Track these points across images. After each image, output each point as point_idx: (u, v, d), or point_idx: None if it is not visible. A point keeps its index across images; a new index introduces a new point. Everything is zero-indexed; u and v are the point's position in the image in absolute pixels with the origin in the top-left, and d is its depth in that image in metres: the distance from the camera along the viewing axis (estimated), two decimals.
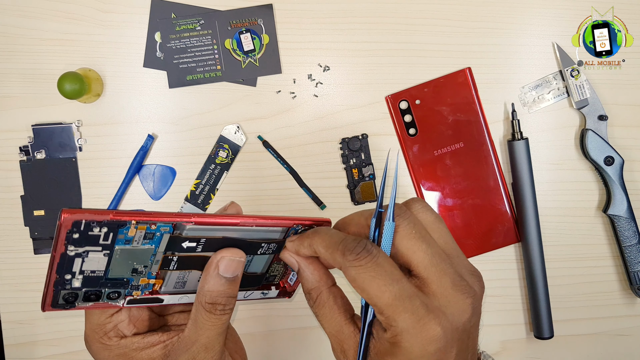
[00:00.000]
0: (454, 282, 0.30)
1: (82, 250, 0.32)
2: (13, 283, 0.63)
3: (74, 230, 0.31)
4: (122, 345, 0.36)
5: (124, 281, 0.35)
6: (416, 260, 0.31)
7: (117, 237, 0.33)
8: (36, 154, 0.62)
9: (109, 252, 0.33)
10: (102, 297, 0.35)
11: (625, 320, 0.64)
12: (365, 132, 0.62)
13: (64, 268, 0.33)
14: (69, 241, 0.32)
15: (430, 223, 0.33)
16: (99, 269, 0.34)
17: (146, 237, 0.34)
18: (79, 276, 0.34)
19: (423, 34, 0.61)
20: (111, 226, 0.32)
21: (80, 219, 0.31)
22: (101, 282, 0.34)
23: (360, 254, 0.30)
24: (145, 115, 0.62)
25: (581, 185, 0.63)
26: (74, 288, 0.34)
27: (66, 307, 0.34)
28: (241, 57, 0.61)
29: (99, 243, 0.33)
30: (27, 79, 0.61)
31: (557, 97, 0.62)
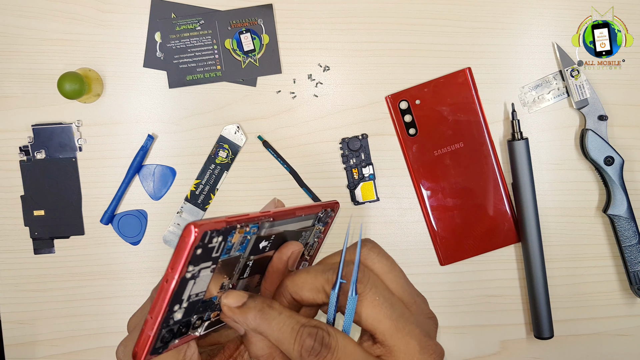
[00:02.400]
0: (420, 345, 0.29)
1: (198, 269, 0.28)
2: (13, 283, 0.63)
3: (199, 245, 0.27)
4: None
5: (212, 302, 0.31)
6: (382, 328, 0.29)
7: (225, 247, 0.29)
8: (36, 154, 0.62)
9: (214, 266, 0.29)
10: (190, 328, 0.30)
11: (625, 320, 0.64)
12: (365, 132, 0.62)
13: (176, 297, 0.28)
14: (192, 261, 0.27)
15: (386, 272, 0.31)
16: (201, 291, 0.29)
17: (241, 242, 0.31)
18: (184, 305, 0.29)
19: (423, 34, 0.61)
20: (225, 234, 0.29)
21: (207, 229, 0.27)
22: (195, 308, 0.30)
23: (319, 353, 0.28)
24: (145, 115, 0.62)
25: (581, 185, 0.63)
26: (174, 323, 0.29)
27: (159, 352, 0.29)
28: (241, 57, 0.61)
29: (211, 257, 0.29)
30: (27, 79, 0.61)
31: (557, 97, 0.62)
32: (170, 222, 0.63)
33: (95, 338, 0.64)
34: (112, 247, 0.63)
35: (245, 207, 0.62)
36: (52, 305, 0.64)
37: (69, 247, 0.63)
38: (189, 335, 0.31)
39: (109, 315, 0.64)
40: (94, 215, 0.63)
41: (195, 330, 0.31)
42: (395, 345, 0.29)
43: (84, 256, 0.63)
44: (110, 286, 0.63)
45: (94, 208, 0.63)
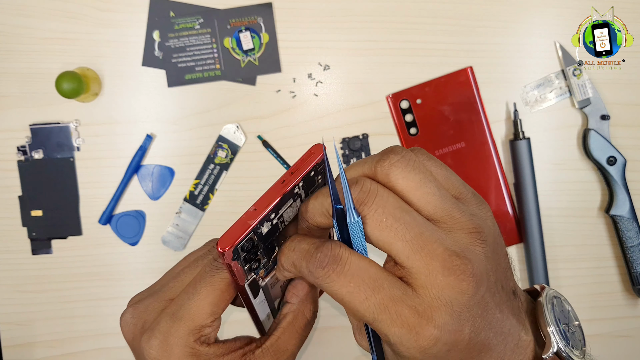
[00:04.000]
0: (444, 264, 0.26)
1: (300, 192, 0.28)
2: (11, 284, 0.63)
3: (315, 168, 0.28)
4: (211, 352, 0.32)
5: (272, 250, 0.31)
6: (396, 250, 0.26)
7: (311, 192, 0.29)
8: (34, 153, 0.61)
9: (299, 205, 0.30)
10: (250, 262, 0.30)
11: (628, 321, 0.64)
12: (365, 131, 0.62)
13: (280, 204, 0.28)
14: (306, 179, 0.28)
15: (413, 189, 0.27)
16: (285, 222, 0.30)
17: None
18: (274, 221, 0.29)
19: (424, 33, 0.61)
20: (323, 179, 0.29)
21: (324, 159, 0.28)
22: (270, 240, 0.30)
23: (327, 265, 0.26)
24: (143, 114, 0.62)
25: (583, 185, 0.63)
26: (260, 235, 0.29)
27: (234, 258, 0.28)
28: (240, 56, 0.61)
29: (309, 192, 0.29)
30: (25, 79, 0.61)
31: (559, 96, 0.62)
32: (169, 223, 0.62)
33: (93, 339, 0.63)
34: (110, 248, 0.63)
35: (244, 208, 0.62)
36: (50, 306, 0.63)
37: (67, 247, 0.63)
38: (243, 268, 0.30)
39: (107, 317, 0.63)
40: (92, 215, 0.62)
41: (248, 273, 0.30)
42: (413, 267, 0.26)
43: (82, 257, 0.63)
44: (108, 287, 0.63)
45: (92, 208, 0.62)
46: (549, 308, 0.30)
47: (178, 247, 0.62)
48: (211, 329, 0.32)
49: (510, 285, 0.30)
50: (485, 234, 0.28)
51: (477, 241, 0.27)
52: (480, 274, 0.26)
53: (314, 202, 0.29)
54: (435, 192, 0.27)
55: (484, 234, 0.28)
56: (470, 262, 0.26)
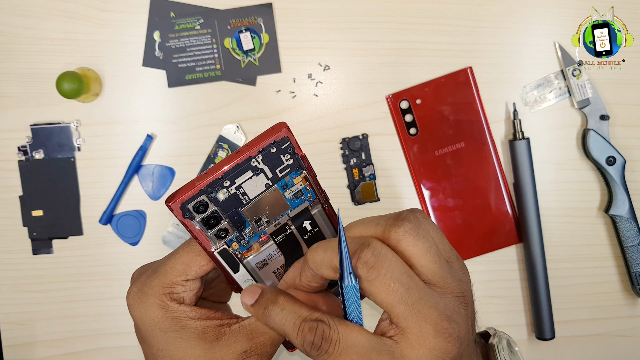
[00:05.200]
0: (435, 328, 0.29)
1: (261, 167, 0.31)
2: (12, 284, 0.63)
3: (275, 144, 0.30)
4: (181, 310, 0.35)
5: (242, 224, 0.33)
6: (395, 313, 0.29)
7: (286, 176, 0.32)
8: (34, 154, 0.61)
9: (270, 184, 0.32)
10: (214, 229, 0.33)
11: (627, 321, 0.64)
12: (365, 131, 0.62)
13: (233, 173, 0.31)
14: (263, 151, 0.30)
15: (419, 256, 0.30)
16: (249, 195, 0.32)
17: (296, 194, 0.33)
18: (232, 190, 0.32)
19: (424, 33, 0.61)
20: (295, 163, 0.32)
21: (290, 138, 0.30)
22: (232, 211, 0.33)
23: (320, 347, 0.29)
24: (144, 114, 0.62)
25: (583, 185, 0.63)
26: (214, 200, 0.32)
27: (185, 216, 0.32)
28: (241, 56, 0.61)
29: (274, 171, 0.32)
30: (26, 79, 0.61)
31: (559, 96, 0.62)
32: (169, 223, 0.62)
33: (94, 339, 0.64)
34: (110, 248, 0.63)
35: None
36: (51, 306, 0.63)
37: (68, 247, 0.63)
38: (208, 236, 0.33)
39: (108, 316, 0.63)
40: (92, 215, 0.62)
41: (216, 242, 0.33)
42: (408, 328, 0.29)
43: (82, 257, 0.63)
44: (109, 287, 0.63)
45: (93, 208, 0.62)
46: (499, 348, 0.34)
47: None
48: (182, 288, 0.35)
49: (475, 335, 0.33)
50: (468, 297, 0.31)
51: (461, 304, 0.31)
52: (463, 335, 0.30)
53: (322, 254, 0.31)
54: (437, 260, 0.30)
55: (467, 297, 0.31)
56: (457, 325, 0.29)
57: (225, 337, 0.34)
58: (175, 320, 0.34)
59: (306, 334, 0.29)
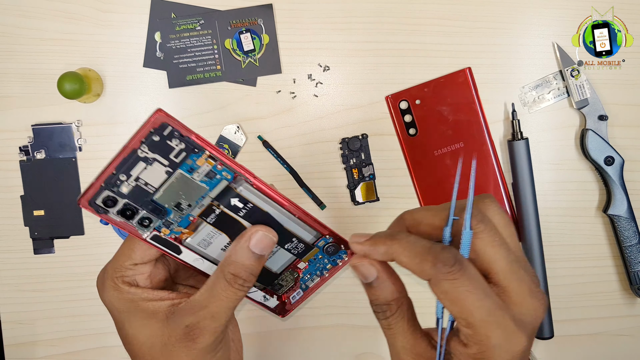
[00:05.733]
0: (530, 289, 0.30)
1: (152, 156, 0.32)
2: (13, 283, 0.63)
3: (157, 132, 0.31)
4: (132, 292, 0.37)
5: (162, 211, 0.35)
6: (497, 268, 0.30)
7: (185, 160, 0.33)
8: (36, 154, 0.61)
9: (171, 171, 0.33)
10: (135, 218, 0.35)
11: (626, 320, 0.64)
12: (365, 132, 0.62)
13: (124, 166, 0.32)
14: (146, 141, 0.31)
15: (503, 227, 0.32)
16: (152, 184, 0.33)
17: (208, 175, 0.34)
18: (132, 182, 0.33)
19: (423, 34, 0.61)
20: (188, 146, 0.32)
21: (169, 123, 0.31)
22: (144, 201, 0.34)
23: (454, 266, 0.29)
24: (145, 115, 0.62)
25: (581, 185, 0.63)
26: (119, 193, 0.33)
27: (99, 211, 0.34)
28: (241, 57, 0.61)
29: (168, 157, 0.32)
30: (27, 79, 0.61)
31: (557, 97, 0.62)
32: None
33: (95, 338, 0.64)
34: (112, 247, 0.63)
35: None
36: (52, 305, 0.63)
37: (69, 247, 0.63)
38: (133, 226, 0.35)
39: (109, 316, 0.63)
40: (93, 215, 0.63)
41: (144, 229, 0.35)
42: (509, 286, 0.30)
43: (84, 256, 0.63)
44: None
45: None
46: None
47: None
48: (132, 272, 0.38)
49: None
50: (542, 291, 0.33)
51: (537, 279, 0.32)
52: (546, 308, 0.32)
53: (424, 212, 0.33)
54: (516, 235, 0.33)
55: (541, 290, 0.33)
56: (544, 293, 0.31)
57: (173, 315, 0.36)
58: (128, 302, 0.37)
59: (439, 252, 0.29)
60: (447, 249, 0.30)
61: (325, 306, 0.64)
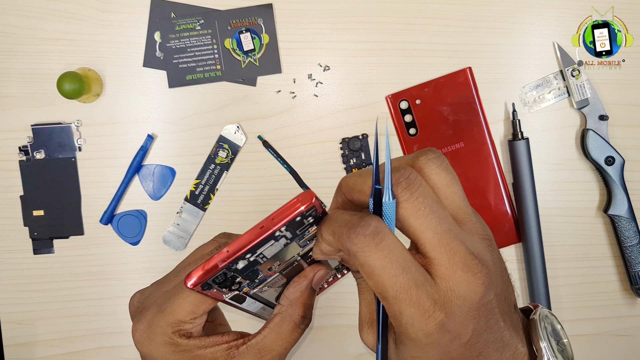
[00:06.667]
0: (464, 262, 0.27)
1: (283, 234, 0.30)
2: (12, 283, 0.63)
3: (303, 214, 0.29)
4: (191, 344, 0.35)
5: (255, 275, 0.33)
6: (424, 239, 0.27)
7: (305, 232, 0.31)
8: (35, 154, 0.61)
9: (289, 242, 0.31)
10: (229, 285, 0.32)
11: (626, 320, 0.64)
12: (365, 132, 0.62)
13: (256, 247, 0.30)
14: (289, 224, 0.29)
15: (443, 186, 0.29)
16: (266, 257, 0.31)
17: (309, 239, 0.32)
18: (251, 259, 0.30)
19: (423, 34, 0.61)
20: (315, 220, 0.30)
21: (316, 205, 0.29)
22: (249, 271, 0.32)
23: (367, 235, 0.26)
24: (144, 115, 0.62)
25: (582, 185, 0.63)
26: (233, 270, 0.31)
27: (204, 289, 0.31)
28: (241, 56, 0.61)
29: (295, 232, 0.30)
30: (27, 79, 0.61)
31: (558, 97, 0.62)
32: (169, 223, 0.63)
33: (95, 338, 0.64)
34: (111, 248, 0.63)
35: (244, 208, 0.62)
36: (52, 305, 0.63)
37: (69, 247, 0.63)
38: (219, 292, 0.32)
39: (109, 316, 0.64)
40: (93, 215, 0.63)
41: (227, 293, 0.33)
42: (436, 258, 0.28)
43: (83, 256, 0.63)
44: (109, 286, 0.63)
45: (94, 208, 0.63)
46: (542, 325, 0.32)
47: (179, 246, 0.63)
48: (191, 325, 0.35)
49: (512, 299, 0.32)
50: (493, 242, 0.30)
51: (488, 247, 0.30)
52: (491, 279, 0.28)
53: (355, 178, 0.30)
54: (461, 194, 0.30)
55: (492, 242, 0.30)
56: (485, 265, 0.28)
57: (234, 359, 0.35)
58: (185, 353, 0.35)
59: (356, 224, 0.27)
60: (365, 219, 0.27)
61: (325, 306, 0.64)
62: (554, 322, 0.33)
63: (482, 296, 0.28)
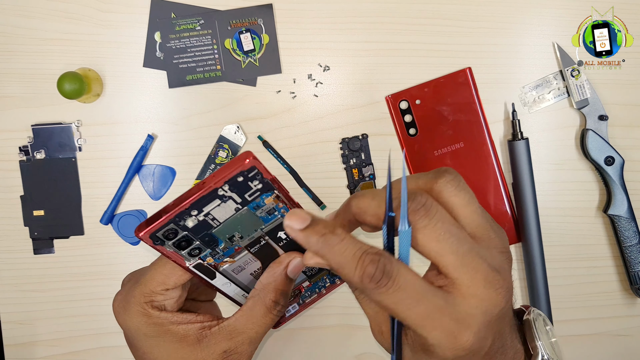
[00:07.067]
0: (486, 279, 0.28)
1: (229, 195, 0.32)
2: (13, 283, 0.63)
3: (243, 174, 0.31)
4: (163, 316, 0.37)
5: (215, 242, 0.35)
6: (445, 262, 0.28)
7: (255, 199, 0.33)
8: (36, 154, 0.61)
9: (240, 208, 0.33)
10: (186, 249, 0.35)
11: (626, 320, 0.64)
12: (365, 132, 0.62)
13: (200, 203, 0.32)
14: (232, 180, 0.31)
15: (461, 207, 0.30)
16: (218, 219, 0.33)
17: (268, 212, 0.34)
18: (199, 217, 0.33)
19: (423, 34, 0.61)
20: (264, 187, 0.33)
21: (258, 167, 0.31)
22: (203, 234, 0.34)
23: (380, 281, 0.27)
24: (145, 115, 0.62)
25: (581, 185, 0.63)
26: (183, 227, 0.33)
27: (156, 243, 0.33)
28: (241, 57, 0.61)
29: (243, 196, 0.33)
30: (27, 79, 0.61)
31: (558, 97, 0.62)
32: None
33: (95, 338, 0.64)
34: (111, 248, 0.63)
35: None
36: (52, 305, 0.63)
37: (69, 247, 0.63)
38: (181, 255, 0.35)
39: (109, 316, 0.63)
40: (93, 215, 0.63)
41: (190, 259, 0.35)
42: (458, 279, 0.28)
43: (83, 256, 0.63)
44: (110, 286, 0.63)
45: (94, 208, 0.63)
46: (536, 325, 0.34)
47: None
48: (163, 297, 0.37)
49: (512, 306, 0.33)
50: (509, 254, 0.31)
51: (506, 260, 0.31)
52: (510, 292, 0.30)
53: (368, 201, 0.31)
54: (479, 212, 0.30)
55: (509, 254, 0.31)
56: (504, 279, 0.29)
57: (206, 339, 0.36)
58: (158, 326, 0.36)
59: (367, 265, 0.28)
60: (375, 259, 0.28)
61: (325, 306, 0.64)
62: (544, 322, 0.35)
63: (501, 309, 0.29)
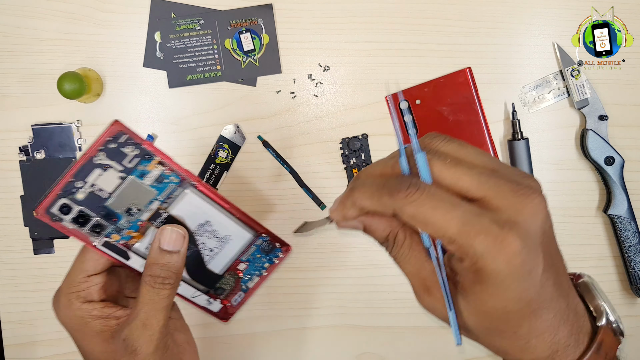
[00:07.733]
0: (512, 189, 0.27)
1: (107, 163, 0.34)
2: (13, 283, 0.63)
3: (113, 140, 0.34)
4: (83, 308, 0.37)
5: (114, 217, 0.36)
6: (464, 185, 0.28)
7: (137, 166, 0.35)
8: (36, 154, 0.61)
9: (124, 176, 0.35)
10: (87, 225, 0.36)
11: (626, 320, 0.64)
12: (365, 132, 0.62)
13: (81, 173, 0.34)
14: (104, 148, 0.34)
15: (457, 150, 0.29)
16: (106, 190, 0.35)
17: (157, 180, 0.36)
18: (88, 189, 0.35)
19: (423, 34, 0.61)
20: (140, 152, 0.35)
21: (125, 132, 0.34)
22: (97, 207, 0.36)
23: (409, 189, 0.27)
24: (145, 115, 0.62)
25: (581, 185, 0.63)
26: (74, 200, 0.35)
27: (54, 219, 0.35)
28: (241, 57, 0.61)
29: (121, 163, 0.35)
30: (27, 79, 0.61)
31: (558, 97, 0.62)
32: None
33: None
34: None
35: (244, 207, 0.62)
36: None
37: (69, 247, 0.63)
38: (86, 233, 0.36)
39: None
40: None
41: (96, 236, 0.36)
42: (485, 195, 0.27)
43: None
44: None
45: None
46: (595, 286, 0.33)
47: None
48: (86, 284, 0.37)
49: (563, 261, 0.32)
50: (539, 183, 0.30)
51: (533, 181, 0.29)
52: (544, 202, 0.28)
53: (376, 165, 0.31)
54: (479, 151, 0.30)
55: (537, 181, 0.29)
56: (535, 187, 0.28)
57: (116, 331, 0.37)
58: (79, 319, 0.37)
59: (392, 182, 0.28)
60: (401, 176, 0.28)
61: (325, 306, 0.64)
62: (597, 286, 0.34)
63: (543, 220, 0.27)
